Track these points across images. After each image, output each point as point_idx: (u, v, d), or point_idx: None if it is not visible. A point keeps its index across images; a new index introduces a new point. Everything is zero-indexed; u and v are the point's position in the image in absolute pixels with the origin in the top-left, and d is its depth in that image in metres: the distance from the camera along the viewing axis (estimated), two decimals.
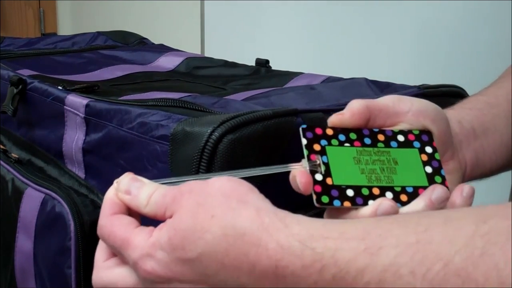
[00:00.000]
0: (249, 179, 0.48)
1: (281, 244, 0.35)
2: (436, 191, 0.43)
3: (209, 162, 0.46)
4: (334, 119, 0.46)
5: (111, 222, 0.40)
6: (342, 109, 0.50)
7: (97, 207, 0.58)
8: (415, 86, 0.65)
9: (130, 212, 0.41)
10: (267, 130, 0.48)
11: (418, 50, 1.17)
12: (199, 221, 0.36)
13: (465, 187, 0.44)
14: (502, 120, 0.53)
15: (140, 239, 0.38)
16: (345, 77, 0.74)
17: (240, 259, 0.35)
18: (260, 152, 0.48)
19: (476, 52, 1.08)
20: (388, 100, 0.47)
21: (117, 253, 0.40)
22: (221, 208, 0.36)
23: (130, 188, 0.40)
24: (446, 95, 0.65)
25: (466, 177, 0.50)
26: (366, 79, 0.70)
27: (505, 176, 0.58)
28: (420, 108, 0.47)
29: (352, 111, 0.46)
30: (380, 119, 0.47)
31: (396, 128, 0.47)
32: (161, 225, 0.38)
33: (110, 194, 0.41)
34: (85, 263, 0.56)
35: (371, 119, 0.46)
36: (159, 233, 0.37)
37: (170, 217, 0.38)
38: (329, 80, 0.74)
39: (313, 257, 0.34)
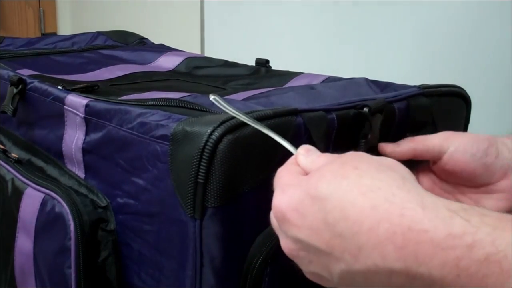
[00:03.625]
0: (250, 176, 0.48)
1: (425, 205, 0.31)
2: None
3: (209, 162, 0.46)
4: (382, 147, 0.54)
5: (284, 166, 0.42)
6: (342, 108, 0.50)
7: (97, 207, 0.58)
8: (415, 86, 0.65)
9: None
10: None
11: (418, 50, 1.17)
12: (343, 169, 0.36)
13: None
14: None
15: (286, 176, 0.40)
16: (345, 77, 0.74)
17: (366, 212, 0.32)
18: (260, 152, 0.48)
19: (476, 52, 1.08)
20: (436, 141, 0.52)
21: None
22: (368, 165, 0.35)
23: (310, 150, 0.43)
24: (446, 95, 0.65)
25: None
26: (366, 79, 0.70)
27: None
28: (458, 148, 0.51)
29: (396, 148, 0.53)
30: (429, 157, 0.53)
31: None
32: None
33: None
34: (85, 263, 0.56)
35: (417, 156, 0.53)
36: (305, 176, 0.38)
37: None
38: (329, 79, 0.74)
39: (465, 228, 0.29)
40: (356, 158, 0.37)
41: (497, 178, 0.51)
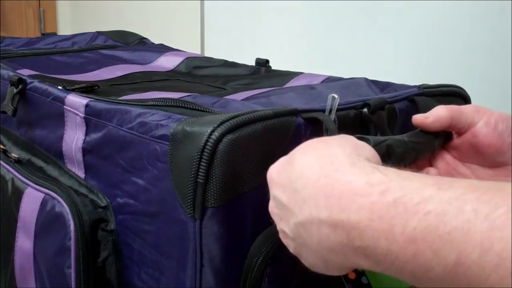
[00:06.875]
0: (250, 175, 0.48)
1: (354, 164, 0.36)
2: None
3: (209, 162, 0.46)
4: (417, 119, 0.52)
5: None
6: (342, 109, 0.50)
7: (97, 207, 0.58)
8: (415, 86, 0.65)
9: None
10: (267, 130, 0.48)
11: (418, 50, 1.17)
12: (318, 142, 0.41)
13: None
14: None
15: None
16: (345, 77, 0.74)
17: (315, 171, 0.37)
18: (260, 152, 0.48)
19: (476, 52, 1.08)
20: (468, 110, 0.51)
21: None
22: (336, 141, 0.40)
23: None
24: (445, 95, 0.65)
25: None
26: (366, 79, 0.70)
27: None
28: (489, 122, 0.51)
29: (436, 117, 0.51)
30: (459, 127, 0.52)
31: None
32: None
33: None
34: (85, 263, 0.56)
35: (451, 127, 0.52)
36: None
37: None
38: (329, 80, 0.74)
39: (381, 179, 0.34)
40: (335, 137, 0.42)
41: None
